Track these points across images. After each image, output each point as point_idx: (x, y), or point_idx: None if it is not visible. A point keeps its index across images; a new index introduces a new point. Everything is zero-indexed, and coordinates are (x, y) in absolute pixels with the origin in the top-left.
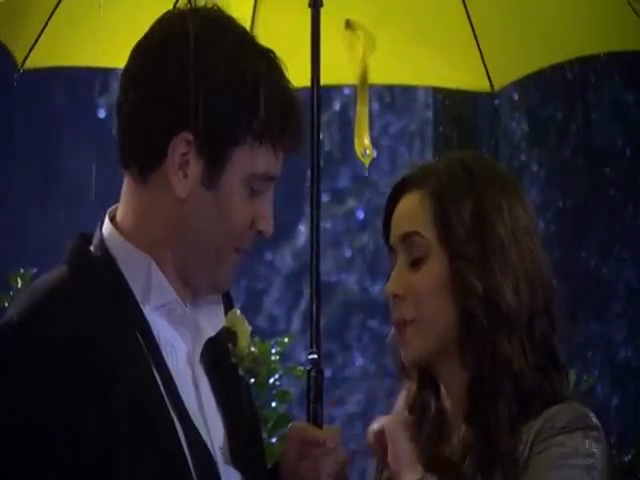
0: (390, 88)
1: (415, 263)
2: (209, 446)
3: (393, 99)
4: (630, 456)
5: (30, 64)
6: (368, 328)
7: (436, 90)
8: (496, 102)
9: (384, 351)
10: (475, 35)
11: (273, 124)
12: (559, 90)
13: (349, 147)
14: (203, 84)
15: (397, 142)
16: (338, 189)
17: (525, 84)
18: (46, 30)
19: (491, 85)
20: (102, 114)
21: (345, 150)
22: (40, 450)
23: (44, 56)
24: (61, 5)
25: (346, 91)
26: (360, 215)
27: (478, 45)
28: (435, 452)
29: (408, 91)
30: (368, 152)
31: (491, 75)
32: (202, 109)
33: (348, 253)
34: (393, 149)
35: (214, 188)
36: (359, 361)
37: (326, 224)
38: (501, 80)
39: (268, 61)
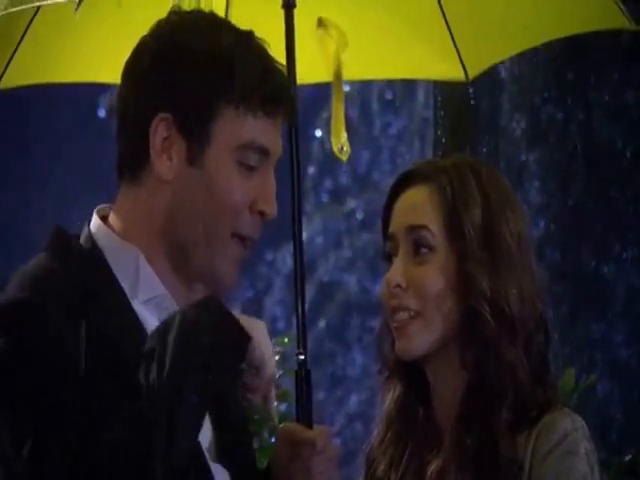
0: (391, 88)
1: (420, 256)
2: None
3: (393, 99)
4: (630, 456)
5: (6, 83)
6: (368, 328)
7: (436, 90)
8: (470, 90)
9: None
10: (448, 24)
11: (250, 89)
12: (559, 90)
13: (349, 146)
14: (174, 64)
15: (397, 142)
16: (338, 189)
17: (525, 84)
18: (19, 49)
19: (466, 74)
20: (102, 114)
21: None
22: (27, 442)
23: (20, 74)
24: (33, 24)
25: (345, 88)
26: (360, 215)
27: (451, 34)
28: None
29: (408, 91)
30: (345, 148)
31: (465, 64)
32: (174, 88)
33: (348, 253)
34: (393, 149)
35: (201, 165)
36: (359, 361)
37: (326, 224)
38: (476, 68)
39: (242, 36)
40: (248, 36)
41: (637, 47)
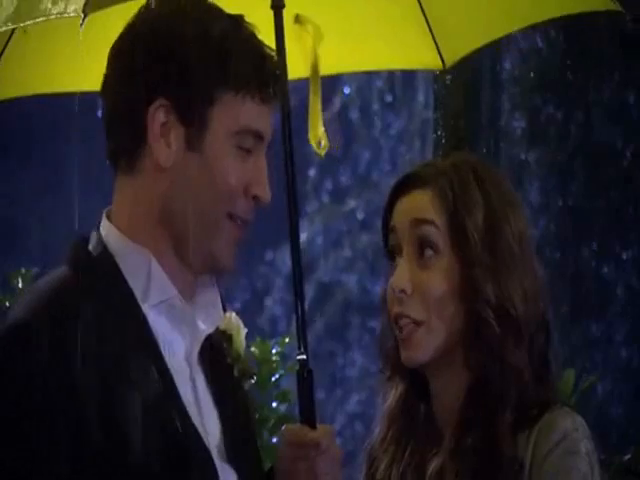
0: (391, 88)
1: (425, 259)
2: (206, 443)
3: (394, 99)
4: (630, 456)
5: None
6: (368, 328)
7: (436, 90)
8: (447, 77)
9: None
10: (424, 12)
11: (247, 75)
12: (559, 90)
13: (349, 147)
14: (171, 50)
15: (397, 142)
16: (338, 189)
17: (526, 84)
18: (2, 60)
19: (443, 62)
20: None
21: (345, 150)
22: (44, 447)
23: (5, 86)
24: (13, 39)
25: (346, 90)
26: (360, 215)
27: (427, 22)
28: None
29: (408, 91)
30: (323, 143)
31: (442, 52)
32: (171, 73)
33: (348, 253)
34: (393, 149)
35: (199, 150)
36: (359, 361)
37: (326, 224)
38: (452, 56)
39: (235, 21)
40: (239, 20)
41: (637, 47)
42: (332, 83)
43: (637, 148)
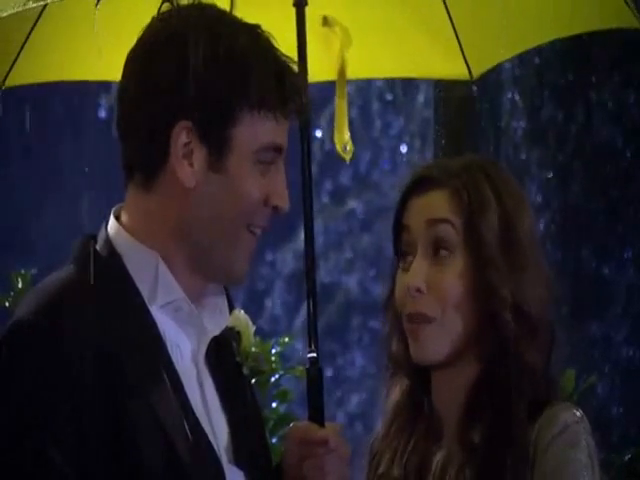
0: (391, 88)
1: (439, 258)
2: (214, 446)
3: (394, 99)
4: (630, 456)
5: (15, 81)
6: (369, 328)
7: (437, 90)
8: (474, 88)
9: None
10: (452, 23)
11: (268, 93)
12: (559, 90)
13: (352, 145)
14: (192, 71)
15: (397, 142)
16: (338, 189)
17: (526, 84)
18: (26, 47)
19: (470, 73)
20: (102, 114)
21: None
22: (47, 446)
23: (27, 72)
24: (40, 21)
25: (347, 89)
26: (360, 215)
27: (456, 33)
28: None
29: (409, 91)
30: (348, 147)
31: (469, 63)
32: (195, 95)
33: (349, 254)
34: (393, 149)
35: (223, 171)
36: (359, 361)
37: (327, 225)
38: (480, 67)
39: (253, 35)
40: (258, 33)
41: (638, 47)
42: (332, 83)
43: (637, 148)
